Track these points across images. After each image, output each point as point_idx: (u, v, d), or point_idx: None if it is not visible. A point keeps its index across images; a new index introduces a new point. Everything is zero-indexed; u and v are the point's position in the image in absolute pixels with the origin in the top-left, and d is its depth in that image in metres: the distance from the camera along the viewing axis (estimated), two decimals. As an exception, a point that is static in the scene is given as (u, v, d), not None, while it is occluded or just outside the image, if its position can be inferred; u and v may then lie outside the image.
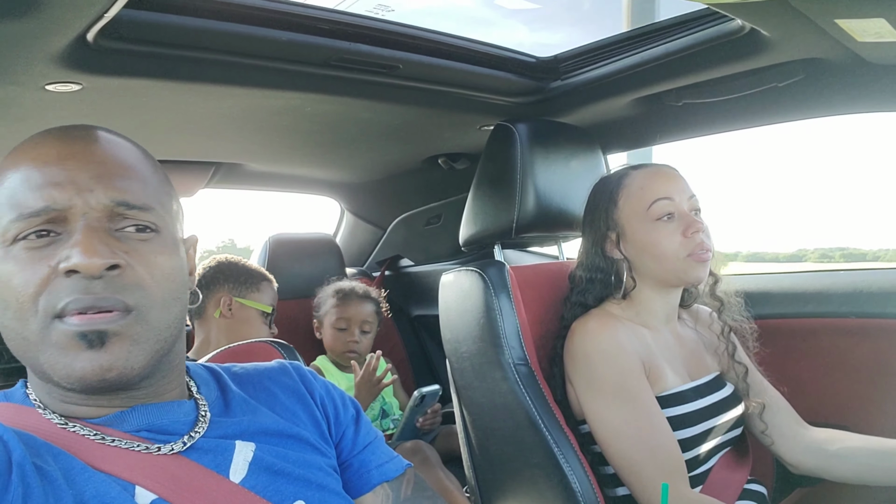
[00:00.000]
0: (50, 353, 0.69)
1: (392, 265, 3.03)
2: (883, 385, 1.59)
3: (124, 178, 0.74)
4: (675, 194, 1.39)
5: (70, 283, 0.68)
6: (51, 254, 0.70)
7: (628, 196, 1.42)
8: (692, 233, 1.35)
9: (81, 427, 0.74)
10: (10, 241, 0.70)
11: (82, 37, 1.17)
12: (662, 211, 1.37)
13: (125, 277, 0.71)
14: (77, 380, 0.69)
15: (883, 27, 1.16)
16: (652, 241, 1.38)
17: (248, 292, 2.02)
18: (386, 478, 0.94)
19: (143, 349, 0.72)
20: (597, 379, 1.34)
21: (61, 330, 0.69)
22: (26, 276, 0.69)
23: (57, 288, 0.69)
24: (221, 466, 0.78)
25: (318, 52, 1.47)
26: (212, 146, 2.16)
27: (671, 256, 1.36)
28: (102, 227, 0.71)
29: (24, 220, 0.70)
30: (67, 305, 0.68)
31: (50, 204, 0.70)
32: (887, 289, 1.60)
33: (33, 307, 0.69)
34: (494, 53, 1.74)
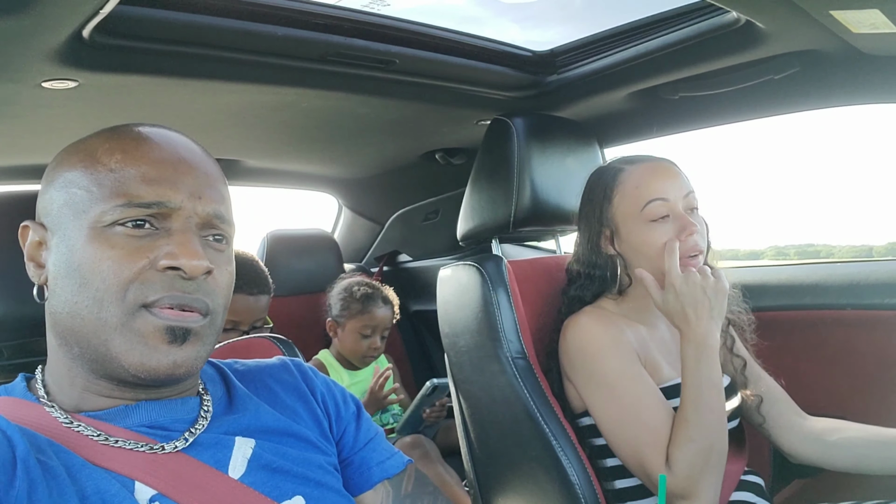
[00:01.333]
0: (129, 339, 0.72)
1: (390, 261, 3.03)
2: (881, 376, 1.60)
3: (222, 192, 0.81)
4: (671, 193, 1.36)
5: (166, 279, 0.73)
6: (149, 246, 0.73)
7: (623, 195, 1.40)
8: (685, 236, 1.33)
9: (85, 426, 0.74)
10: (106, 224, 0.73)
11: (78, 33, 1.17)
12: (657, 213, 1.35)
13: (210, 283, 0.76)
14: (149, 370, 0.73)
15: (878, 18, 1.17)
16: (646, 242, 1.36)
17: None
18: (387, 475, 0.94)
19: (206, 349, 0.78)
20: (596, 372, 1.34)
21: (149, 320, 0.72)
22: (121, 263, 0.72)
23: (151, 280, 0.72)
24: (221, 462, 0.78)
25: (315, 47, 1.47)
26: (208, 142, 2.13)
27: (662, 257, 1.34)
28: (197, 232, 0.77)
29: (132, 208, 0.73)
30: (162, 299, 0.72)
31: (163, 200, 0.74)
32: (885, 280, 1.60)
33: (120, 293, 0.72)
34: (491, 48, 1.74)
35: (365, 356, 2.29)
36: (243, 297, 1.86)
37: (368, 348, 2.27)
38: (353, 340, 2.27)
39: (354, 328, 2.26)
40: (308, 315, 2.54)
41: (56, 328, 0.76)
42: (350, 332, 2.27)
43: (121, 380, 0.75)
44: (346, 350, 2.29)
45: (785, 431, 1.45)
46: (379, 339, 2.29)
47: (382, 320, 2.29)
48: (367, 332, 2.26)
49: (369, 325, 2.26)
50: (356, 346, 2.27)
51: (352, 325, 2.27)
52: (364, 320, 2.26)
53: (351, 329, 2.27)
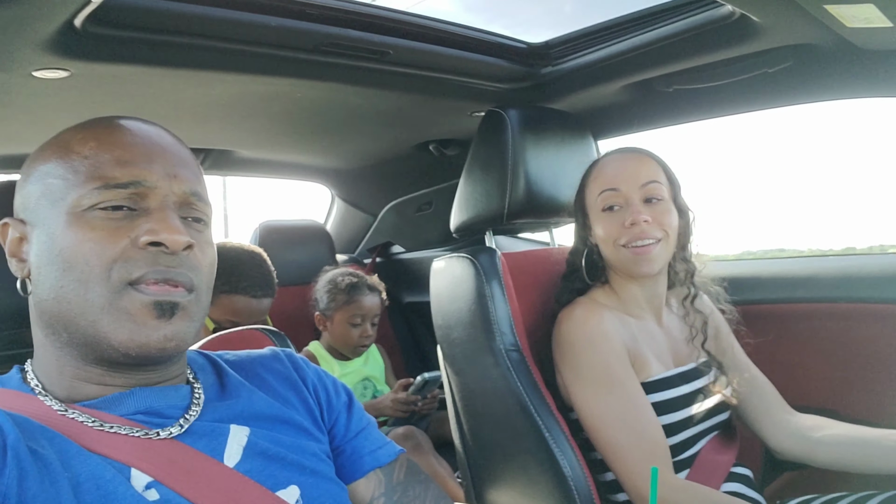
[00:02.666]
0: (117, 317, 0.73)
1: (383, 252, 3.03)
2: (872, 369, 1.61)
3: (196, 172, 0.82)
4: (623, 184, 1.39)
5: (149, 255, 0.74)
6: (129, 226, 0.74)
7: (589, 185, 1.46)
8: (629, 224, 1.36)
9: (80, 413, 0.74)
10: (84, 208, 0.74)
11: (70, 22, 1.16)
12: (607, 202, 1.40)
13: (192, 259, 0.77)
14: (139, 346, 0.73)
15: (871, 13, 1.17)
16: (598, 230, 1.42)
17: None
18: (378, 463, 0.95)
19: (194, 326, 0.78)
20: (583, 366, 1.35)
21: (136, 297, 0.73)
22: (103, 244, 0.73)
23: (134, 258, 0.73)
24: (216, 451, 0.79)
25: (308, 37, 1.46)
26: (201, 133, 2.15)
27: (610, 246, 1.39)
28: (176, 210, 0.78)
29: (110, 190, 0.74)
30: (146, 275, 0.73)
31: (140, 180, 0.75)
32: (876, 274, 1.61)
33: (104, 273, 0.72)
34: (485, 39, 1.74)
35: (357, 346, 2.29)
36: (247, 298, 1.84)
37: (360, 337, 2.27)
38: (344, 331, 2.27)
39: (343, 318, 2.26)
40: (300, 306, 2.53)
41: (42, 318, 0.77)
42: (339, 324, 2.27)
43: (112, 362, 0.75)
44: (337, 342, 2.29)
45: (771, 427, 1.46)
46: (369, 326, 2.29)
47: (371, 308, 2.29)
48: (357, 321, 2.26)
49: (358, 313, 2.26)
50: (347, 337, 2.27)
51: (340, 316, 2.26)
52: (352, 309, 2.26)
53: (340, 320, 2.26)
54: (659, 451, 1.28)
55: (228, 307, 1.82)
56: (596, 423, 1.33)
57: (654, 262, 1.37)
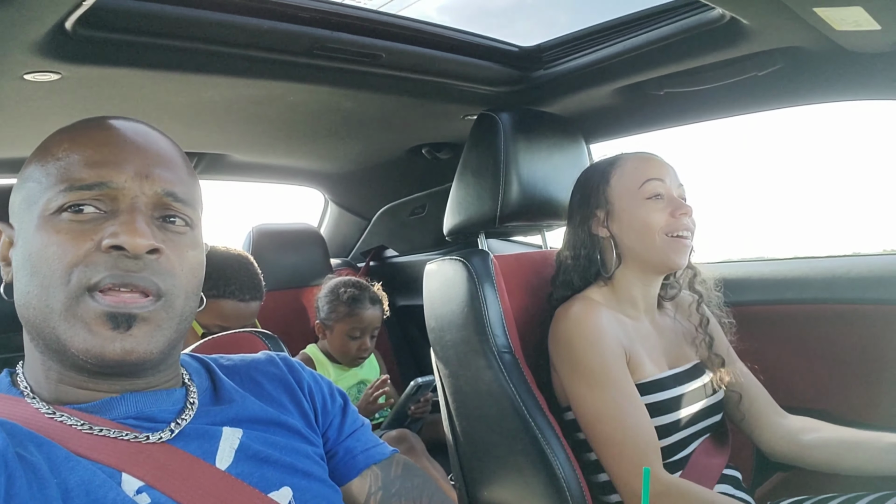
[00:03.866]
0: (73, 324, 0.71)
1: (376, 255, 3.02)
2: (861, 369, 1.62)
3: (174, 171, 0.79)
4: (667, 178, 1.41)
5: (110, 259, 0.71)
6: (94, 228, 0.72)
7: (621, 175, 1.44)
8: (680, 214, 1.37)
9: (69, 416, 0.74)
10: (52, 211, 0.72)
11: (60, 25, 1.15)
12: (653, 190, 1.39)
13: (161, 263, 0.74)
14: (95, 356, 0.71)
15: (860, 16, 1.18)
16: (639, 217, 1.39)
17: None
18: (372, 460, 0.95)
19: (164, 335, 0.75)
20: (580, 363, 1.35)
21: (91, 306, 0.70)
22: (65, 247, 0.71)
23: (95, 261, 0.71)
24: (208, 453, 0.78)
25: (301, 40, 1.46)
26: (193, 136, 2.15)
27: (655, 233, 1.37)
28: (148, 213, 0.75)
29: (74, 192, 0.72)
30: (104, 279, 0.70)
31: (106, 181, 0.73)
32: (865, 275, 1.62)
33: (65, 277, 0.70)
34: (478, 42, 1.74)
35: (355, 358, 2.27)
36: (233, 302, 1.83)
37: (358, 349, 2.25)
38: (343, 343, 2.24)
39: (342, 331, 2.23)
40: (294, 310, 2.53)
41: (22, 323, 0.76)
42: (339, 335, 2.24)
43: (85, 369, 0.74)
44: (335, 352, 2.27)
45: (763, 430, 1.47)
46: (368, 339, 2.27)
47: (371, 321, 2.26)
48: (356, 335, 2.23)
49: (357, 327, 2.23)
50: (346, 349, 2.25)
51: (340, 328, 2.23)
52: (352, 323, 2.23)
53: (339, 332, 2.24)
54: (651, 450, 1.28)
55: (216, 312, 1.82)
56: (591, 419, 1.33)
57: (687, 255, 1.39)
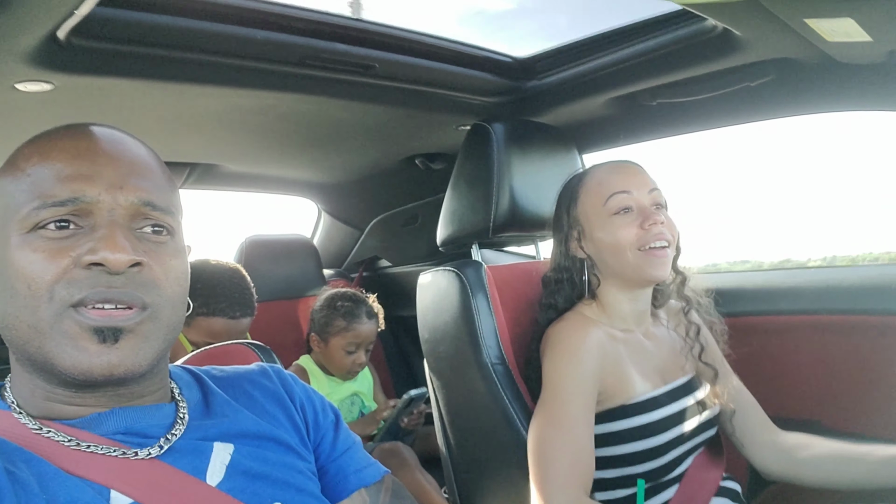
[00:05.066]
0: (59, 341, 0.70)
1: (370, 266, 3.02)
2: (855, 380, 1.62)
3: (150, 179, 0.77)
4: (634, 188, 1.36)
5: (91, 275, 0.70)
6: (72, 245, 0.71)
7: (587, 192, 1.41)
8: (649, 225, 1.32)
9: (56, 433, 0.72)
10: (28, 229, 0.71)
11: (53, 35, 1.15)
12: (619, 205, 1.35)
13: (144, 275, 0.73)
14: (82, 372, 0.70)
15: (851, 27, 1.18)
16: (608, 235, 1.36)
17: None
18: (363, 483, 0.93)
19: (151, 347, 0.74)
20: (546, 378, 1.33)
21: (76, 320, 0.69)
22: (44, 264, 0.70)
23: (77, 279, 0.70)
24: (198, 469, 0.77)
25: (294, 51, 1.46)
26: (186, 147, 2.14)
27: (626, 249, 1.34)
28: (126, 224, 0.73)
29: (48, 209, 0.71)
30: (87, 297, 0.69)
31: (79, 196, 0.71)
32: (859, 286, 1.63)
33: (47, 295, 0.69)
34: (471, 53, 1.75)
35: (349, 371, 2.26)
36: (223, 320, 1.80)
37: (353, 363, 2.24)
38: (338, 357, 2.23)
39: (338, 345, 2.22)
40: (287, 321, 2.52)
41: (6, 343, 0.74)
42: (334, 349, 2.23)
43: (71, 385, 0.73)
44: (330, 365, 2.26)
45: (756, 447, 1.46)
46: (363, 353, 2.26)
47: (367, 335, 2.25)
48: (352, 349, 2.23)
49: (353, 341, 2.22)
50: (341, 362, 2.23)
51: (335, 342, 2.22)
52: (348, 337, 2.22)
53: (335, 345, 2.22)
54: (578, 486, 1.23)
55: (206, 329, 1.80)
56: (534, 435, 1.29)
57: (667, 266, 1.35)
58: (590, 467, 1.25)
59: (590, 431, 1.28)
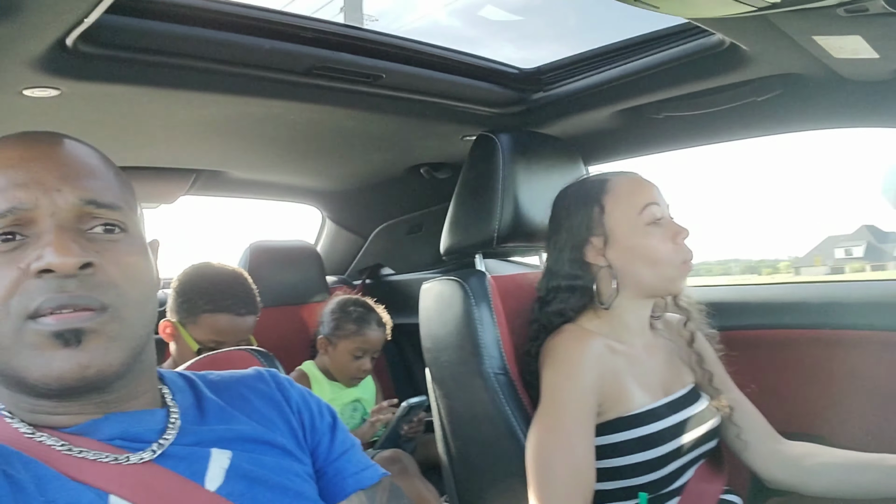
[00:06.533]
0: (25, 354, 0.69)
1: (373, 274, 3.02)
2: (857, 395, 1.61)
3: (90, 177, 0.75)
4: (661, 200, 1.39)
5: (43, 283, 0.68)
6: (19, 256, 0.69)
7: (616, 201, 1.39)
8: (682, 239, 1.35)
9: (48, 437, 0.72)
10: None
11: (61, 41, 1.16)
12: (653, 216, 1.36)
13: (98, 276, 0.71)
14: (55, 379, 0.69)
15: (859, 44, 1.18)
16: (646, 246, 1.35)
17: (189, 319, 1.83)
18: (361, 486, 0.93)
19: (119, 346, 0.72)
20: (545, 391, 1.33)
21: (36, 330, 0.68)
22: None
23: (29, 289, 0.68)
24: (197, 474, 0.77)
25: (301, 60, 1.47)
26: (192, 154, 2.15)
27: (666, 262, 1.34)
28: (72, 226, 0.71)
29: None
30: (42, 305, 0.68)
31: (15, 205, 0.70)
32: (862, 300, 1.62)
33: (4, 310, 0.68)
34: (477, 64, 1.75)
35: (353, 377, 2.27)
36: (230, 317, 1.81)
37: (357, 369, 2.25)
38: (345, 361, 2.24)
39: (346, 349, 2.23)
40: (290, 327, 2.51)
41: None
42: (342, 353, 2.24)
43: (49, 395, 0.72)
44: (335, 369, 2.27)
45: (761, 457, 1.45)
46: (369, 360, 2.27)
47: (375, 343, 2.27)
48: (359, 354, 2.24)
49: (362, 346, 2.24)
50: (347, 367, 2.25)
51: (344, 346, 2.24)
52: (357, 342, 2.23)
53: (343, 349, 2.24)
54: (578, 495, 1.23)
55: (212, 326, 1.81)
56: (532, 448, 1.29)
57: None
58: (590, 479, 1.25)
59: (589, 443, 1.28)
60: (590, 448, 1.27)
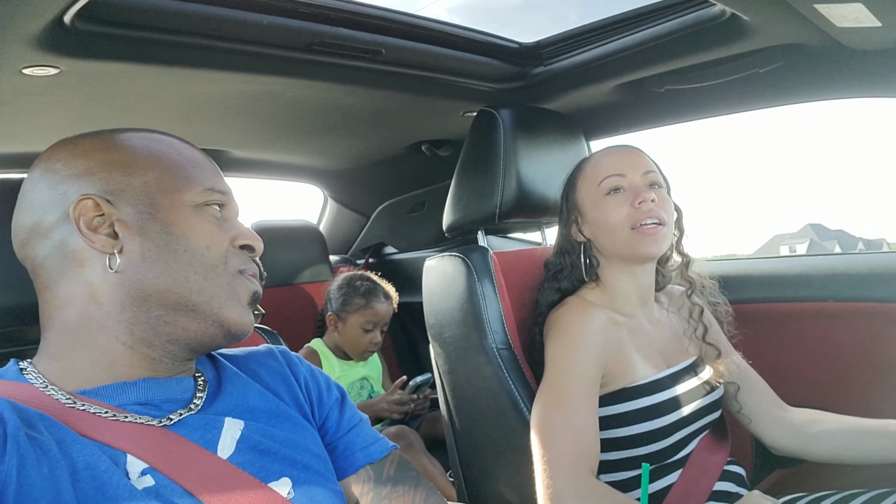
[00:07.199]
0: (232, 301, 0.82)
1: (376, 252, 3.02)
2: (861, 367, 1.62)
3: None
4: (627, 170, 1.38)
5: (242, 254, 0.85)
6: (226, 227, 0.85)
7: (584, 177, 1.44)
8: (638, 203, 1.34)
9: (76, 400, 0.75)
10: (196, 203, 0.83)
11: (59, 19, 1.15)
12: (611, 185, 1.38)
13: None
14: (244, 326, 0.84)
15: (861, 12, 1.18)
16: (601, 216, 1.39)
17: None
18: (370, 460, 0.95)
19: None
20: (550, 362, 1.34)
21: (245, 284, 0.84)
22: (217, 238, 0.83)
23: (235, 254, 0.84)
24: (210, 442, 0.79)
25: (300, 36, 1.46)
26: (192, 132, 2.14)
27: (618, 228, 1.36)
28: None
29: (216, 194, 0.86)
30: (247, 269, 0.85)
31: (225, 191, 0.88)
32: (865, 272, 1.62)
33: (222, 260, 0.82)
34: (478, 39, 1.74)
35: (365, 350, 2.30)
36: None
37: (369, 343, 2.29)
38: (356, 335, 2.28)
39: (357, 323, 2.27)
40: (293, 306, 2.53)
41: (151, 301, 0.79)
42: (352, 327, 2.28)
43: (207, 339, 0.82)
44: (346, 344, 2.30)
45: (767, 424, 1.46)
46: (379, 332, 2.31)
47: (384, 315, 2.31)
48: (369, 327, 2.28)
49: (371, 319, 2.28)
50: (358, 341, 2.28)
51: (354, 320, 2.27)
52: (367, 315, 2.27)
53: (353, 324, 2.28)
54: (584, 467, 1.23)
55: None
56: (537, 418, 1.30)
57: (660, 242, 1.36)
58: (594, 449, 1.26)
59: (593, 413, 1.29)
60: (594, 419, 1.28)
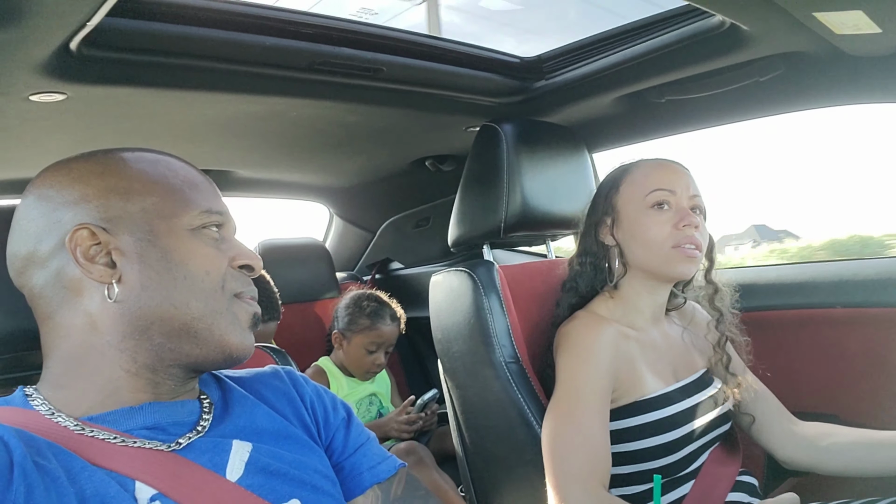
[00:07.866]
0: (234, 325, 0.82)
1: (382, 268, 3.03)
2: (871, 373, 1.61)
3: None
4: (678, 188, 1.37)
5: (241, 275, 0.85)
6: (224, 248, 0.84)
7: (631, 182, 1.41)
8: (683, 225, 1.33)
9: (84, 426, 0.75)
10: (194, 227, 0.82)
11: (65, 46, 1.17)
12: (658, 199, 1.36)
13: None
14: (245, 350, 0.84)
15: (860, 19, 1.18)
16: (642, 228, 1.36)
17: None
18: (378, 479, 0.94)
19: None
20: (561, 376, 1.33)
21: (244, 308, 0.84)
22: (215, 260, 0.82)
23: (233, 276, 0.83)
24: (218, 466, 0.79)
25: (302, 56, 1.47)
26: (197, 153, 2.16)
27: (657, 245, 1.34)
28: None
29: (214, 215, 0.84)
30: (244, 292, 0.85)
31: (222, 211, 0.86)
32: (873, 278, 1.62)
33: (220, 284, 0.81)
34: (478, 55, 1.75)
35: (368, 371, 2.29)
36: None
37: (372, 363, 2.27)
38: (359, 355, 2.27)
39: (361, 343, 2.26)
40: (300, 324, 2.53)
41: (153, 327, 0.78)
42: (356, 347, 2.27)
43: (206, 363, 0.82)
44: (350, 363, 2.29)
45: (777, 438, 1.45)
46: (383, 354, 2.30)
47: (389, 337, 2.29)
48: (373, 349, 2.26)
49: (375, 341, 2.26)
50: (361, 361, 2.27)
51: (358, 340, 2.26)
52: (371, 336, 2.26)
53: (357, 344, 2.26)
54: (596, 481, 1.23)
55: None
56: (549, 432, 1.29)
57: (694, 266, 1.36)
58: (606, 462, 1.26)
59: (605, 427, 1.28)
60: (606, 433, 1.28)
